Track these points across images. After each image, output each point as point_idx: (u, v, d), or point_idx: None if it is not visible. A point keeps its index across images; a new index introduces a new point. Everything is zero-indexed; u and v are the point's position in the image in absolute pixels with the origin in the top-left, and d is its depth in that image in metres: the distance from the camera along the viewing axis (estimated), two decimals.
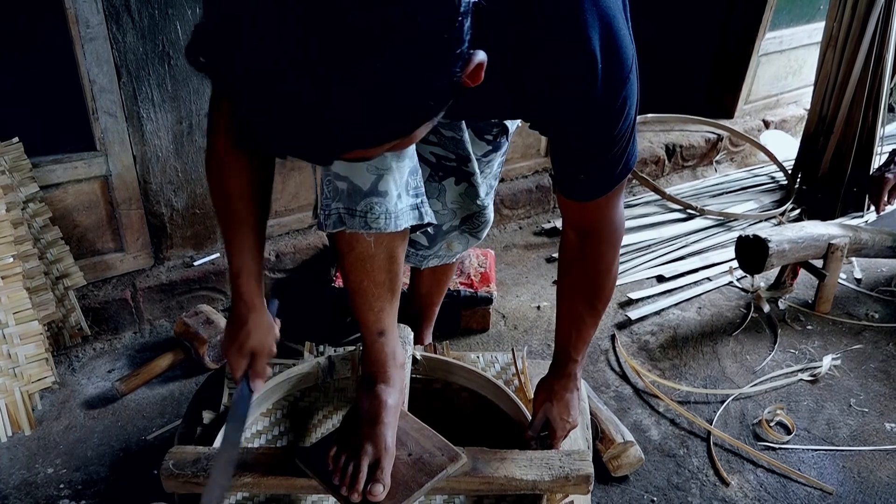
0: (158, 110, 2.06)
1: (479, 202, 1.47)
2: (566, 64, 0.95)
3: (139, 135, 2.07)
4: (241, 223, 1.20)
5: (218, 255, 2.35)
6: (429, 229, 1.45)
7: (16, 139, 1.96)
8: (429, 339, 2.05)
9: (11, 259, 1.77)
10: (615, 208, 1.22)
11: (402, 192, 1.23)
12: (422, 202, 1.28)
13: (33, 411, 1.88)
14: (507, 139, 1.48)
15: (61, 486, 1.71)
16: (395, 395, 1.38)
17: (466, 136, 1.35)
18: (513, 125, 1.47)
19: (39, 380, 1.86)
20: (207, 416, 1.55)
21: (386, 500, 1.23)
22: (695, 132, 3.45)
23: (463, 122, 1.31)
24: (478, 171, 1.42)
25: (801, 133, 3.18)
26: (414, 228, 1.30)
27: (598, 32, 0.93)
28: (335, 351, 1.72)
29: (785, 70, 3.68)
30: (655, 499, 1.73)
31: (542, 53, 0.94)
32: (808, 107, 3.12)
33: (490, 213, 1.54)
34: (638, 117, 1.09)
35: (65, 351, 2.12)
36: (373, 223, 1.22)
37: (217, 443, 1.40)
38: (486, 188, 1.50)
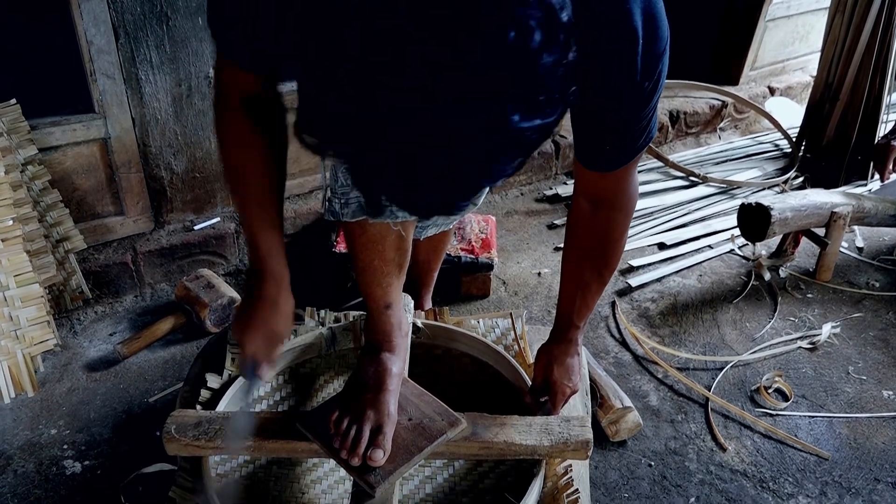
0: (157, 72, 2.04)
1: None
2: (608, 37, 0.91)
3: (138, 97, 2.05)
4: (265, 198, 1.15)
5: (218, 219, 2.34)
6: None
7: (13, 100, 1.94)
8: (429, 304, 2.05)
9: (11, 222, 1.76)
10: (632, 177, 1.22)
11: None
12: None
13: (36, 373, 1.90)
14: None
15: (65, 446, 1.73)
16: (399, 363, 1.39)
17: None
18: None
19: (41, 342, 1.87)
20: (212, 379, 1.56)
21: (386, 465, 1.25)
22: (699, 99, 3.41)
23: None
24: None
25: (807, 100, 3.14)
26: None
27: (640, 6, 0.90)
28: (335, 316, 1.72)
29: (792, 36, 3.62)
30: (653, 463, 1.75)
31: (583, 26, 0.91)
32: (815, 73, 3.08)
33: None
34: None
35: (66, 314, 2.13)
36: (398, 212, 1.20)
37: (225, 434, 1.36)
38: None
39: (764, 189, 2.97)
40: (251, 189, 1.15)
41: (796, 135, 3.20)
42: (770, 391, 1.97)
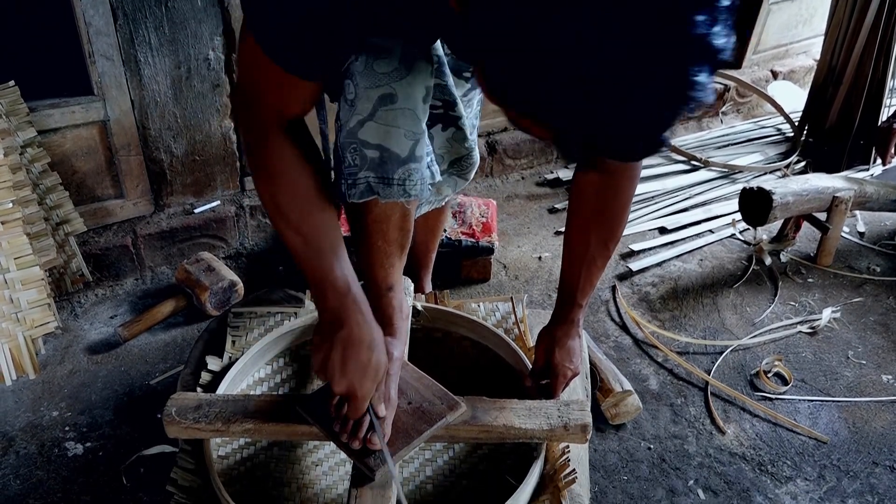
0: (156, 54, 2.03)
1: (466, 145, 1.45)
2: None
3: (137, 79, 2.04)
4: (330, 223, 1.10)
5: (218, 202, 2.33)
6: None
7: (11, 82, 1.93)
8: (429, 287, 2.05)
9: (11, 204, 1.76)
10: None
11: (427, 154, 1.22)
12: (432, 160, 1.27)
13: (37, 356, 1.90)
14: None
15: (66, 428, 1.74)
16: (400, 346, 1.39)
17: (451, 80, 1.32)
18: None
19: (42, 325, 1.87)
20: (213, 362, 1.57)
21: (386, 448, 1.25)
22: None
23: (447, 66, 1.28)
24: (463, 113, 1.39)
25: (810, 84, 3.13)
26: None
27: None
28: None
29: (795, 19, 3.60)
30: (652, 446, 1.75)
31: None
32: (818, 57, 3.06)
33: (476, 155, 1.51)
34: None
35: (67, 297, 2.13)
36: (411, 190, 1.19)
37: None
38: (471, 128, 1.48)
39: (766, 173, 2.96)
40: (316, 220, 1.09)
41: (799, 119, 3.18)
42: (770, 375, 1.98)
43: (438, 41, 1.22)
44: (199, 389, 1.51)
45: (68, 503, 1.56)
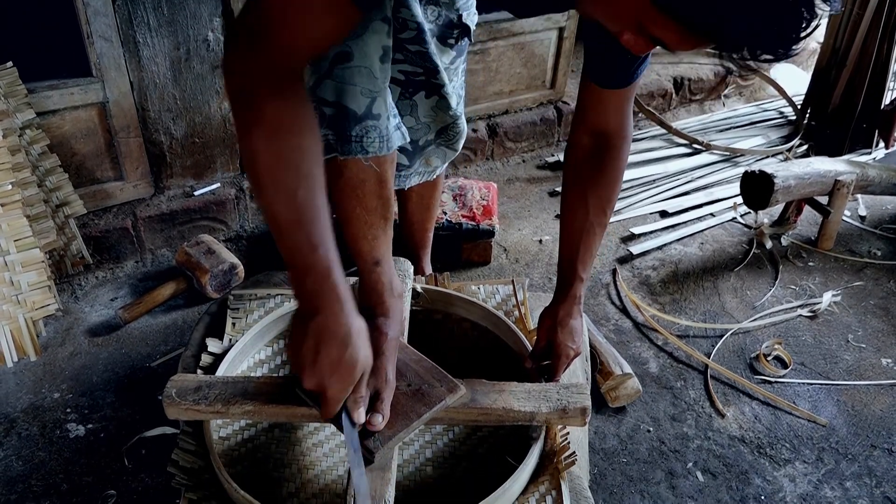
0: (155, 35, 2.01)
1: (451, 113, 1.44)
2: None
3: (136, 60, 2.03)
4: (322, 198, 1.01)
5: (218, 185, 2.33)
6: (407, 146, 1.45)
7: (9, 63, 1.92)
8: (428, 269, 2.04)
9: (10, 186, 1.75)
10: (632, 101, 1.34)
11: (390, 113, 1.22)
12: (399, 123, 1.28)
13: (38, 338, 1.90)
14: (470, 40, 1.44)
15: (68, 409, 1.74)
16: (395, 326, 1.38)
17: (433, 47, 1.31)
18: (473, 23, 1.41)
19: (43, 307, 1.87)
20: (214, 345, 1.57)
21: (385, 430, 1.25)
22: (704, 65, 3.37)
23: (428, 33, 1.27)
24: (447, 81, 1.38)
25: (813, 67, 3.11)
26: None
27: None
28: None
29: None
30: (651, 429, 1.76)
31: None
32: (822, 40, 3.04)
33: (463, 124, 1.51)
34: None
35: (67, 279, 2.13)
36: (369, 147, 1.20)
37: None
38: (457, 98, 1.47)
39: (767, 157, 2.95)
40: (314, 185, 1.00)
41: (801, 102, 3.17)
42: (769, 359, 1.98)
43: (420, 9, 1.23)
44: (199, 372, 1.51)
45: (70, 484, 1.57)
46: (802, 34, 0.78)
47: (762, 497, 1.61)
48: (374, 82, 1.17)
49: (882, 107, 2.86)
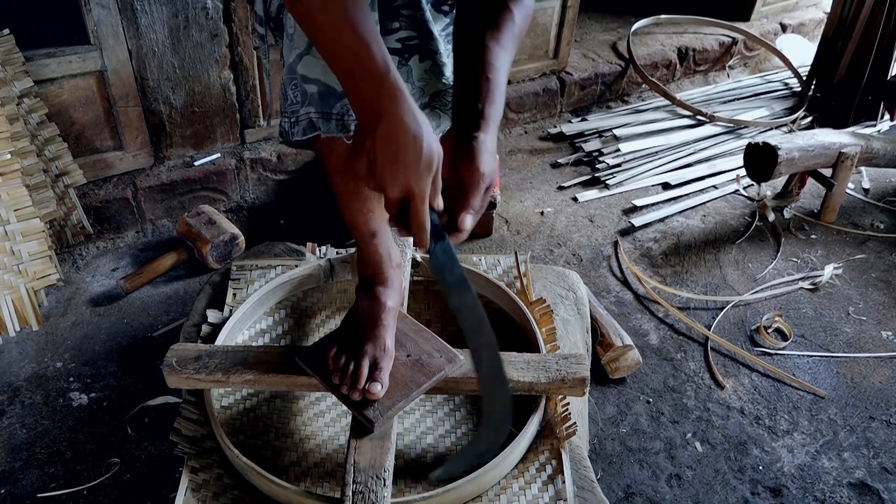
0: (153, 2, 1.99)
1: (444, 80, 1.42)
2: None
3: (134, 28, 2.00)
4: (365, 6, 0.95)
5: (218, 155, 2.32)
6: None
7: (6, 31, 1.90)
8: None
9: (9, 155, 1.74)
10: None
11: None
12: None
13: (40, 307, 1.91)
14: None
15: (70, 379, 1.75)
16: (394, 296, 1.38)
17: (427, 14, 1.28)
18: None
19: (44, 276, 1.87)
20: (213, 315, 1.57)
21: (385, 399, 1.26)
22: (709, 35, 3.33)
23: (424, 0, 1.24)
24: (441, 49, 1.36)
25: (819, 37, 3.07)
26: None
27: None
28: (337, 252, 1.72)
29: None
30: (651, 400, 1.77)
31: None
32: (829, 10, 3.00)
33: None
34: (650, 19, 1.03)
35: (68, 249, 2.13)
36: (350, 124, 1.16)
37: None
38: (450, 66, 1.45)
39: (772, 129, 2.93)
40: None
41: (807, 73, 3.13)
42: (770, 331, 1.98)
43: None
44: (199, 342, 1.51)
45: (74, 452, 1.58)
46: None
47: (760, 467, 1.62)
48: None
49: (888, 78, 2.83)
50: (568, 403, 1.38)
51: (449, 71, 1.42)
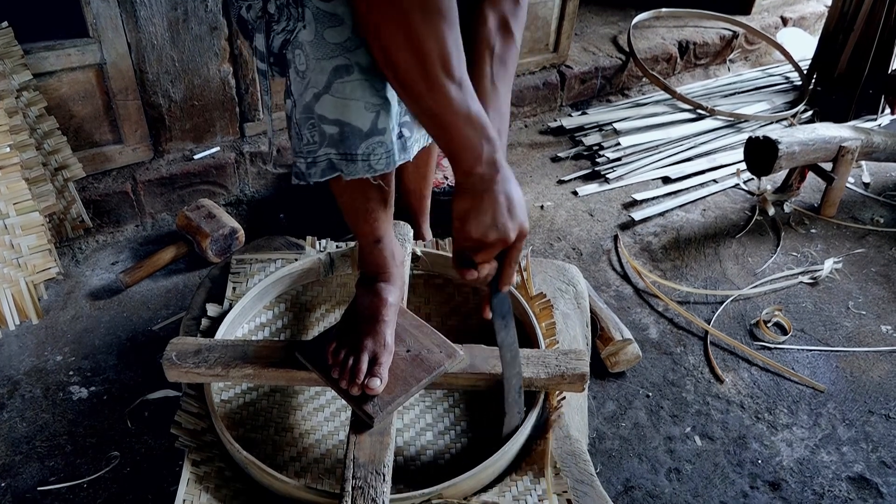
0: None
1: None
2: None
3: (133, 21, 2.00)
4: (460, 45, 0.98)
5: (218, 148, 2.31)
6: (407, 117, 1.32)
7: (5, 23, 1.89)
8: (429, 234, 2.04)
9: (8, 149, 1.74)
10: None
11: (396, 121, 1.15)
12: (404, 122, 1.20)
13: (39, 301, 1.91)
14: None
15: (70, 372, 1.75)
16: (396, 292, 1.38)
17: None
18: None
19: (43, 270, 1.87)
20: (213, 309, 1.57)
21: (384, 395, 1.26)
22: (709, 29, 3.32)
23: None
24: None
25: (820, 31, 3.06)
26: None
27: None
28: (337, 246, 1.72)
29: None
30: (650, 394, 1.77)
31: None
32: (829, 3, 2.99)
33: None
34: (651, 12, 1.01)
35: (68, 243, 2.13)
36: (377, 165, 1.14)
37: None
38: None
39: (772, 123, 2.92)
40: (465, 60, 0.98)
41: (807, 67, 3.13)
42: (769, 325, 1.98)
43: None
44: (199, 335, 1.52)
45: (74, 445, 1.59)
46: None
47: (759, 461, 1.62)
48: (377, 94, 1.09)
49: (889, 72, 2.83)
50: (563, 397, 1.38)
51: None
